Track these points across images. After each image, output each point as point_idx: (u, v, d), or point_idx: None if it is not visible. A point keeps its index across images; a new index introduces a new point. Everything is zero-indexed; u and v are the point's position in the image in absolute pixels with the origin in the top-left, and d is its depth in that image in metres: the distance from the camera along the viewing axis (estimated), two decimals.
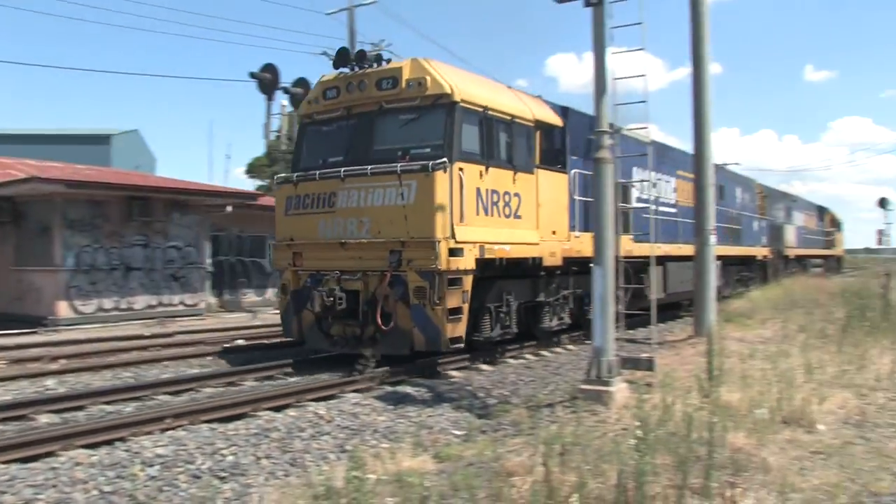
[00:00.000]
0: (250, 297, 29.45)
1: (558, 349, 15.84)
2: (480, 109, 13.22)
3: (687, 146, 17.22)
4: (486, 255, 12.90)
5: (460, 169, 12.46)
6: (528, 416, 8.99)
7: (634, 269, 17.35)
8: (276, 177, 14.75)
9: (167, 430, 8.81)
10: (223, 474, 7.61)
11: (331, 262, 13.28)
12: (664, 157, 20.98)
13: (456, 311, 12.37)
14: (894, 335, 13.61)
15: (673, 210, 20.63)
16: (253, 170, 51.06)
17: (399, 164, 12.48)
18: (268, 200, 31.83)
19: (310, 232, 13.59)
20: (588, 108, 13.18)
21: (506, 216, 13.57)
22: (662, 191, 20.30)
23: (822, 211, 48.40)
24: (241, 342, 16.84)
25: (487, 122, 13.30)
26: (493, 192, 13.22)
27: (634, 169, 18.11)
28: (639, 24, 10.26)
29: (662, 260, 19.09)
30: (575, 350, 15.79)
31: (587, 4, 10.05)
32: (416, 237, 12.29)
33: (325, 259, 13.36)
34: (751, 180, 32.19)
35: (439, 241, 11.99)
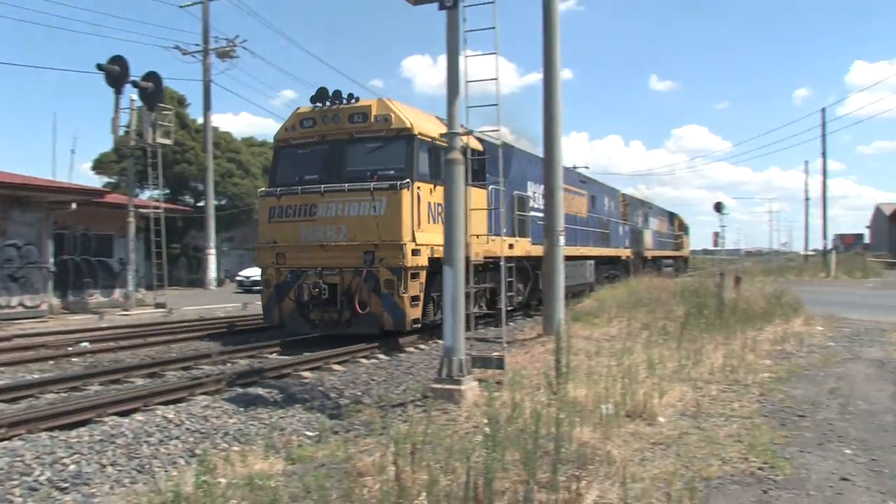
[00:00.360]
0: (97, 297, 28.43)
1: (411, 349, 15.90)
2: (430, 140, 16.56)
3: (539, 149, 18.24)
4: (435, 255, 15.75)
5: (418, 187, 15.84)
6: (379, 416, 8.95)
7: (534, 266, 21.22)
8: (259, 190, 17.98)
9: (2, 440, 8.35)
10: (64, 485, 7.27)
11: (312, 260, 16.31)
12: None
13: (416, 298, 15.62)
14: (727, 331, 14.11)
15: (540, 214, 22.40)
16: (100, 166, 49.24)
17: (372, 183, 15.64)
18: (116, 198, 30.74)
19: (292, 236, 16.63)
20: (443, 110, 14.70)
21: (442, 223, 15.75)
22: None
23: (672, 216, 52.07)
24: (85, 345, 16.23)
25: (434, 149, 16.55)
26: (438, 204, 16.31)
27: (529, 183, 21.69)
28: (492, 28, 10.32)
29: None
30: (427, 350, 15.78)
31: (442, 7, 10.04)
32: (387, 241, 15.48)
33: (307, 258, 16.40)
34: (615, 190, 35.14)
35: (405, 244, 15.09)
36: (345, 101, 16.98)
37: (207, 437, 8.88)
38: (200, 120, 45.33)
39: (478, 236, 16.70)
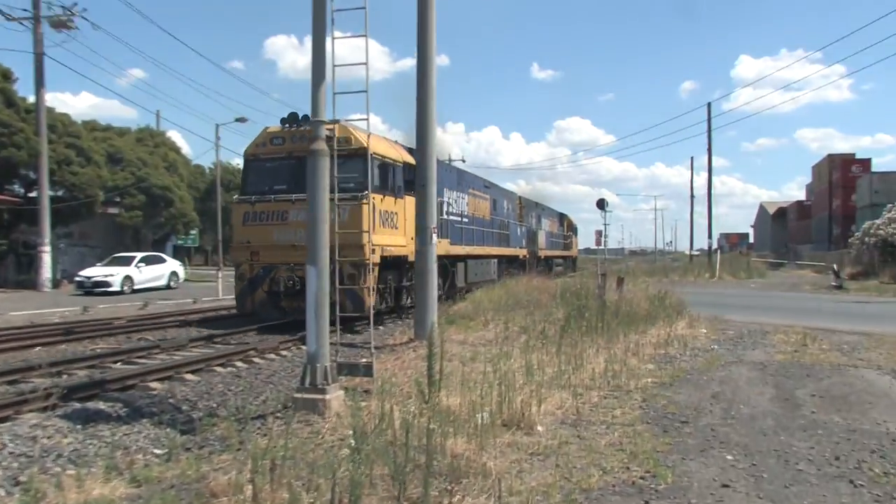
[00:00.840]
0: None
1: (272, 355, 15.77)
2: (380, 157, 20.73)
3: (411, 138, 20.97)
4: (384, 254, 20.43)
5: (373, 198, 19.56)
6: (236, 430, 8.83)
7: (451, 264, 26.05)
8: (235, 197, 21.87)
9: None
10: None
11: (283, 257, 20.25)
12: (461, 179, 29.16)
13: (370, 289, 18.75)
14: (609, 335, 14.59)
15: (467, 220, 28.75)
16: None
17: (337, 195, 19.51)
18: None
19: (266, 237, 20.62)
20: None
21: (392, 227, 21.17)
22: (461, 206, 28.39)
23: (562, 217, 57.46)
24: None
25: (384, 166, 20.87)
26: (386, 211, 20.83)
27: (444, 189, 25.83)
28: (362, 8, 10.23)
29: (464, 258, 27.57)
30: (289, 357, 15.69)
31: None
32: (350, 243, 17.82)
33: (279, 256, 20.34)
34: (513, 193, 39.78)
35: (364, 244, 17.18)
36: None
37: (36, 462, 8.47)
38: (32, 98, 43.50)
39: (412, 238, 19.83)
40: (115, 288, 38.41)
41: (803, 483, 7.04)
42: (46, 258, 40.09)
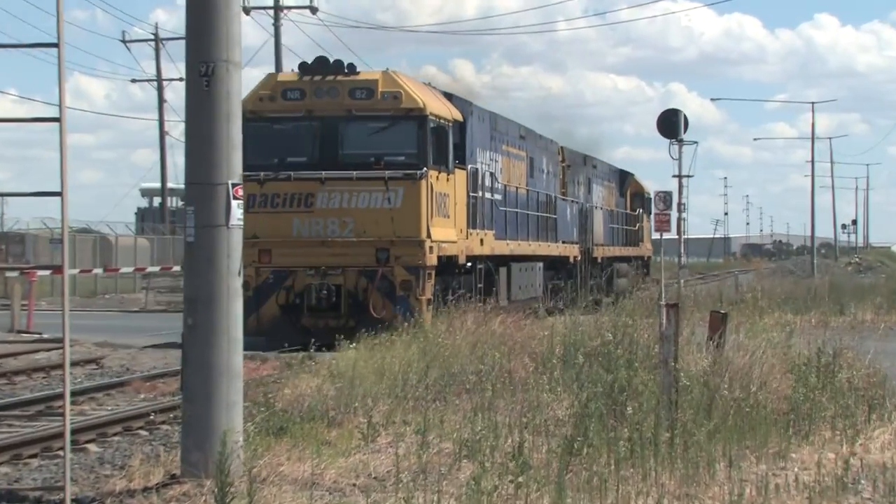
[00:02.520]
0: None
1: None
2: (435, 119, 23.52)
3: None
4: (441, 252, 23.51)
5: (432, 177, 23.05)
6: None
7: (494, 269, 27.30)
8: None
9: None
10: None
11: (307, 258, 22.55)
12: (494, 130, 29.44)
13: (430, 301, 22.39)
14: (686, 465, 11.90)
15: (501, 197, 29.02)
16: None
17: (387, 172, 22.96)
18: None
19: (282, 230, 22.78)
20: None
21: (444, 216, 23.90)
22: (496, 174, 28.72)
23: (623, 179, 51.99)
24: None
25: (442, 131, 23.84)
26: (441, 194, 23.71)
27: (477, 149, 26.75)
28: None
29: (507, 261, 28.65)
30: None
31: None
32: (404, 237, 22.48)
33: (301, 256, 22.64)
34: (552, 141, 37.83)
35: (424, 241, 21.93)
36: (345, 73, 22.80)
37: None
38: None
39: (461, 230, 24.06)
40: None
41: None
42: None
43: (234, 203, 12.07)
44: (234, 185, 12.12)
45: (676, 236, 41.47)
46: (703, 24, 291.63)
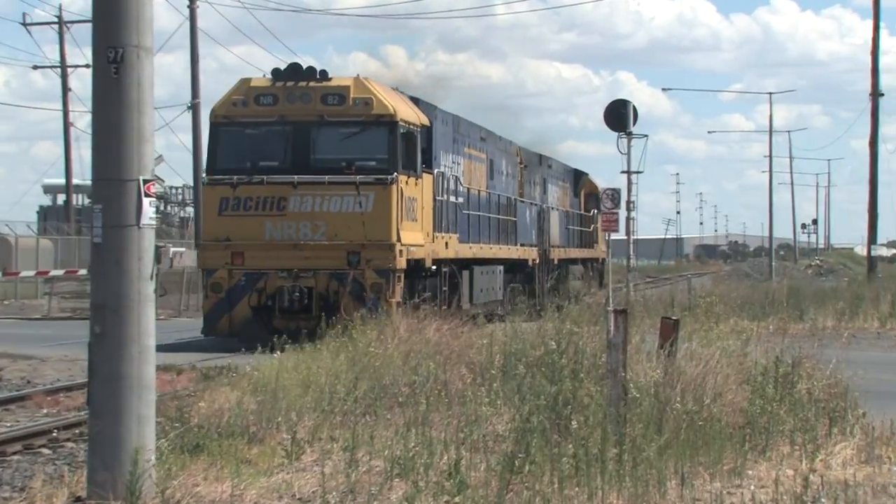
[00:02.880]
0: None
1: None
2: (405, 125, 25.83)
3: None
4: (409, 256, 25.66)
5: (402, 182, 25.43)
6: None
7: (457, 273, 29.41)
8: (203, 177, 28.05)
9: None
10: None
11: (280, 261, 24.60)
12: (457, 132, 31.55)
13: (399, 304, 23.93)
14: (636, 482, 12.00)
15: (463, 200, 31.19)
16: None
17: (358, 176, 25.24)
18: None
19: (254, 233, 24.93)
20: None
21: (412, 220, 26.09)
22: (458, 177, 31.12)
23: (578, 179, 54.02)
24: None
25: (411, 136, 26.05)
26: (410, 198, 25.84)
27: (440, 153, 28.72)
28: None
29: (470, 264, 30.65)
30: None
31: None
32: (375, 240, 24.63)
33: (273, 259, 24.70)
34: (510, 143, 40.11)
35: (395, 244, 23.89)
36: (317, 79, 25.23)
37: None
38: None
39: (427, 234, 26.19)
40: None
41: None
42: None
43: (145, 201, 11.88)
44: (145, 182, 11.93)
45: (625, 237, 42.11)
46: (653, 8, 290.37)
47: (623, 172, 37.77)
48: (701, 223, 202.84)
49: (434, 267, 27.80)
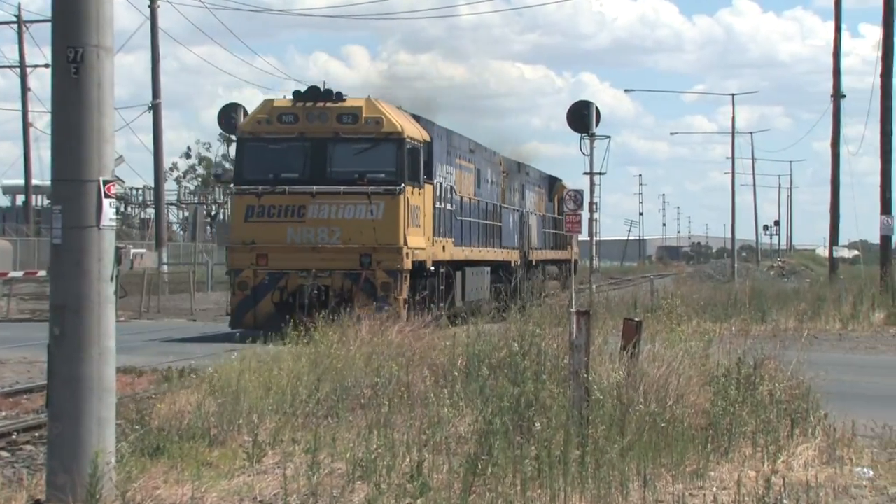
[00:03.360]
0: None
1: None
2: (410, 141, 29.42)
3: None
4: (415, 258, 29.49)
5: (408, 192, 29.05)
6: None
7: (451, 274, 33.23)
8: (231, 187, 31.32)
9: None
10: None
11: (300, 262, 27.95)
12: (450, 144, 35.19)
13: (406, 301, 27.80)
14: (599, 483, 12.00)
15: (455, 207, 34.41)
16: None
17: (370, 187, 28.63)
18: None
19: (277, 237, 28.44)
20: None
21: (416, 226, 29.59)
22: (450, 186, 34.85)
23: (553, 185, 56.45)
24: None
25: (415, 151, 29.57)
26: (415, 206, 29.38)
27: (436, 164, 32.06)
28: None
29: (462, 266, 34.18)
30: None
31: None
32: (384, 244, 28.01)
33: (294, 260, 28.13)
34: (494, 153, 43.30)
35: (402, 247, 27.29)
36: (333, 99, 28.71)
37: None
38: None
39: (428, 238, 29.91)
40: None
41: None
42: None
43: (105, 202, 11.86)
44: (105, 183, 11.88)
45: (588, 238, 42.88)
46: (615, 9, 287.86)
47: (586, 174, 39.29)
48: (664, 224, 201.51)
49: (433, 268, 31.34)
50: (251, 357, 19.53)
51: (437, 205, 31.81)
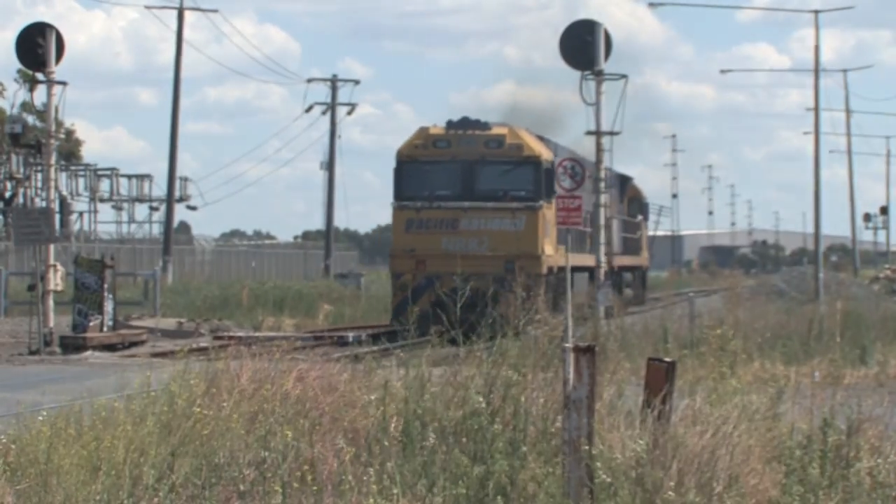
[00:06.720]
0: None
1: None
2: (546, 163, 48.11)
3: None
4: (549, 265, 49.01)
5: (544, 207, 47.79)
6: None
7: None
8: (393, 202, 48.97)
9: None
10: None
11: (451, 267, 40.09)
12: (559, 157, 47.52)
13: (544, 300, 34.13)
14: None
15: None
16: None
17: (514, 203, 49.99)
18: None
19: (433, 245, 46.58)
20: None
21: (548, 237, 49.79)
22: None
23: (624, 185, 67.84)
24: None
25: (549, 172, 46.05)
26: (548, 219, 46.60)
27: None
28: None
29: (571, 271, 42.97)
30: None
31: None
32: (526, 252, 48.69)
33: (447, 265, 42.45)
34: (585, 160, 50.70)
35: (541, 255, 46.10)
36: (481, 128, 45.80)
37: None
38: None
39: (554, 247, 45.99)
40: None
41: None
42: None
43: None
44: None
45: (594, 230, 40.76)
46: None
47: (590, 133, 39.56)
48: (710, 213, 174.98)
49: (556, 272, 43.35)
50: (70, 418, 18.63)
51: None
